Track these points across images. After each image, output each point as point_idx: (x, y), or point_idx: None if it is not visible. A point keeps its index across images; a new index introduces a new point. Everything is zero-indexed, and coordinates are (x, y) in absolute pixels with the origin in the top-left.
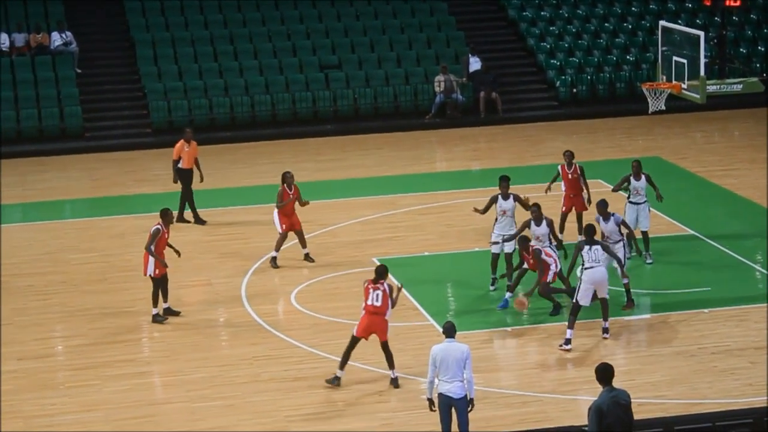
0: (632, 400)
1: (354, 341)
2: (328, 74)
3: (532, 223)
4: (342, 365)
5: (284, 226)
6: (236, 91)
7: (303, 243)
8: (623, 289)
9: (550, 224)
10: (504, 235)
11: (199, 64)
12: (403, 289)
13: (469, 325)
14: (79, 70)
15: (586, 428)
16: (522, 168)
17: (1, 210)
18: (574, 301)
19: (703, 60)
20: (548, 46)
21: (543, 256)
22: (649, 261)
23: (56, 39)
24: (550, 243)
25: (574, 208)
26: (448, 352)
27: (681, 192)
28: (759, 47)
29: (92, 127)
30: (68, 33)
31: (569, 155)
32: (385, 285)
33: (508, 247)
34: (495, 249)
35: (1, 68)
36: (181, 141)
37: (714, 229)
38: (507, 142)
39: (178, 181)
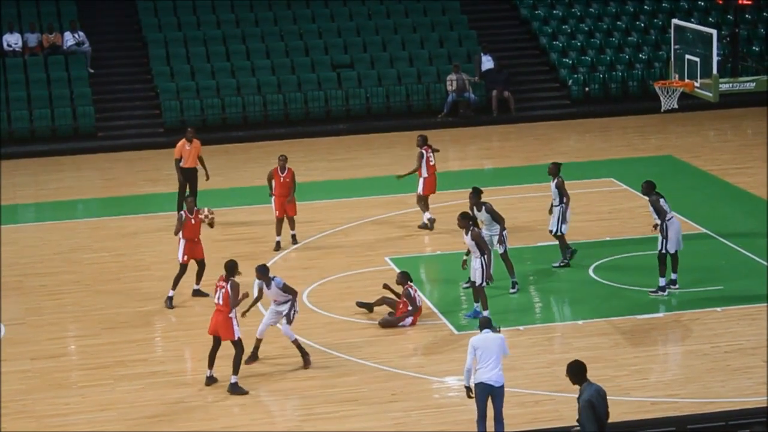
0: (645, 399)
1: (214, 340)
2: (341, 73)
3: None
4: (209, 365)
5: (278, 212)
6: (248, 90)
7: (278, 231)
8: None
9: (489, 210)
10: (491, 236)
11: (212, 63)
12: (417, 289)
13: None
14: (91, 70)
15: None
16: (534, 167)
17: (1, 211)
18: (663, 251)
19: (715, 58)
20: (561, 45)
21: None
22: (555, 264)
23: (69, 39)
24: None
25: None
26: (488, 341)
27: (694, 190)
28: None
29: (105, 126)
30: (81, 33)
31: (421, 139)
32: (229, 284)
33: (500, 248)
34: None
35: (14, 68)
36: (182, 140)
37: (727, 228)
38: (519, 141)
39: (185, 180)
